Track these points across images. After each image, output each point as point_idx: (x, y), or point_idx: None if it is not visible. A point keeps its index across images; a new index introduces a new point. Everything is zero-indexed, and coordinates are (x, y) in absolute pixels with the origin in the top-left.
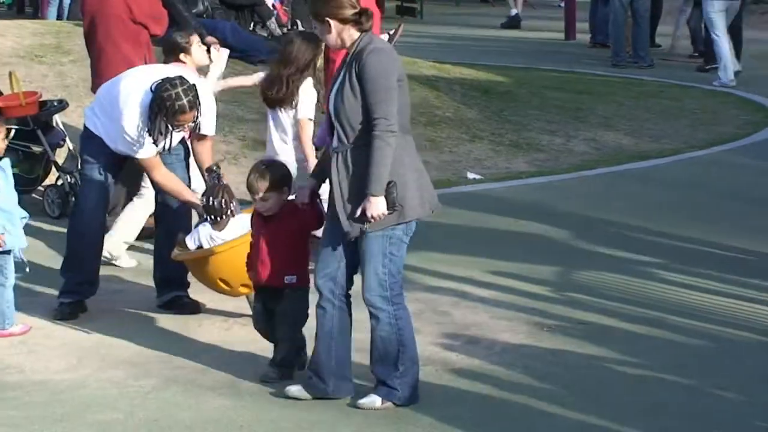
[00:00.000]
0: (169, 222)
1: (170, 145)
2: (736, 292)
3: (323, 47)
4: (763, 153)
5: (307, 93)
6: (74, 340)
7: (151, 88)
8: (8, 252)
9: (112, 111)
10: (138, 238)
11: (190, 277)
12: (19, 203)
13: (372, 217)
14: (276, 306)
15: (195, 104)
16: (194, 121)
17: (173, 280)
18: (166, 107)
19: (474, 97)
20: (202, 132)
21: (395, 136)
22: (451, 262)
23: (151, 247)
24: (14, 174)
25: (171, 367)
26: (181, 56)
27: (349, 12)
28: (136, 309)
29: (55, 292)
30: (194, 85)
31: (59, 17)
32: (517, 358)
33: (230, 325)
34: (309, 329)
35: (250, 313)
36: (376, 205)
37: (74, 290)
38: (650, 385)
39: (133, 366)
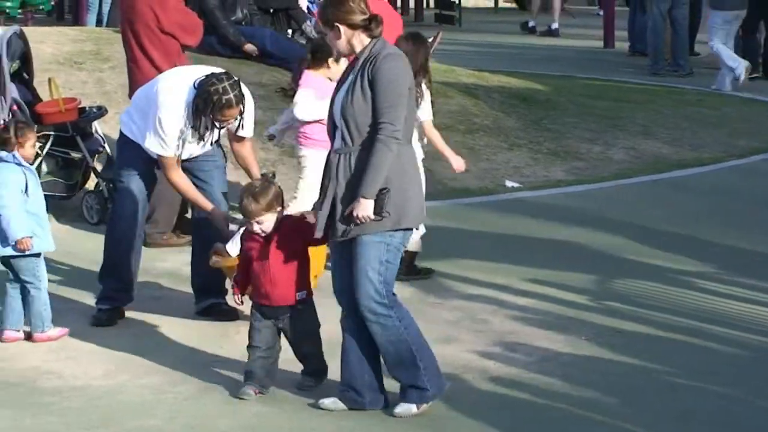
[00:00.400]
0: (206, 229)
1: (211, 142)
2: None
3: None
4: None
5: (424, 95)
6: (112, 346)
7: (194, 84)
8: (38, 255)
9: (149, 109)
10: (176, 245)
11: (228, 284)
12: (48, 210)
13: (357, 218)
14: (286, 324)
15: (241, 100)
16: (239, 117)
17: (211, 287)
18: (212, 101)
19: (513, 105)
20: (242, 134)
21: (399, 143)
22: (489, 270)
23: (188, 253)
24: (53, 180)
25: (209, 373)
26: (330, 62)
27: (359, 18)
28: (173, 315)
29: (93, 299)
30: (239, 80)
31: (98, 24)
32: (555, 366)
33: None
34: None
35: None
36: (365, 207)
37: (111, 297)
38: (683, 392)
39: (171, 372)
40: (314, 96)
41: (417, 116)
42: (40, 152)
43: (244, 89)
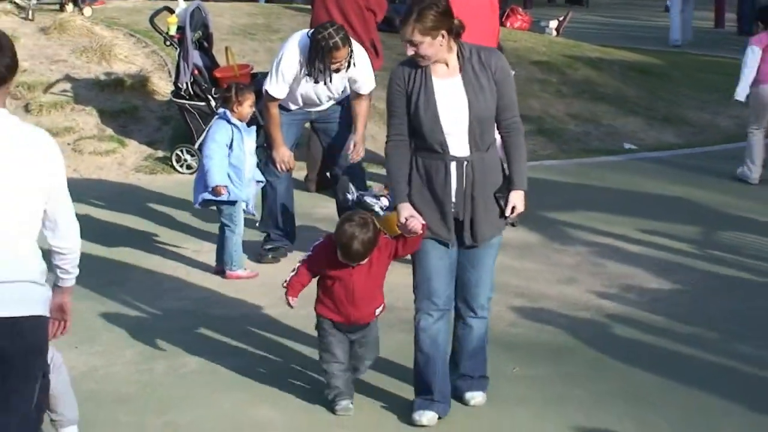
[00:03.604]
0: (344, 179)
1: (327, 80)
2: None
3: None
4: None
5: None
6: (274, 281)
7: (307, 34)
8: (235, 203)
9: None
10: (320, 190)
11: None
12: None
13: (518, 212)
14: (360, 336)
15: (347, 42)
16: (348, 59)
17: None
18: (321, 47)
19: (632, 77)
20: (359, 90)
21: None
22: (608, 220)
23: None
24: None
25: None
26: None
27: (456, 22)
28: None
29: (260, 239)
30: (342, 26)
31: (268, 0)
32: (664, 306)
33: None
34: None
35: None
36: (523, 200)
37: (275, 239)
38: None
39: None
40: None
41: None
42: (216, 111)
43: (357, 47)
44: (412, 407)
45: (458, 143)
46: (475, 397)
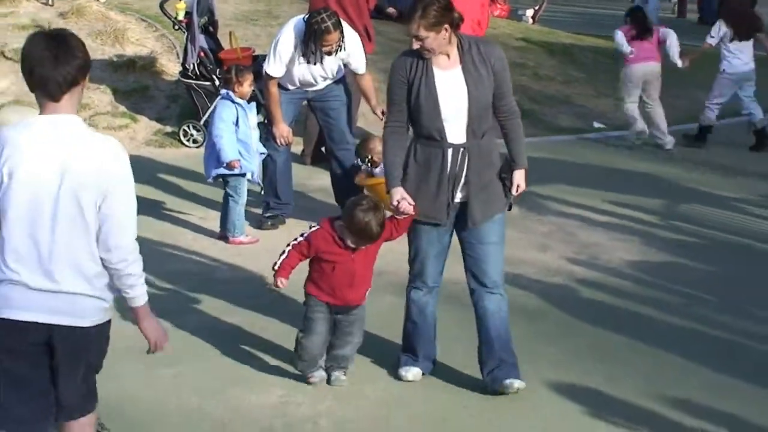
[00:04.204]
0: (339, 152)
1: (319, 62)
2: None
3: None
4: None
5: None
6: (274, 246)
7: (303, 19)
8: (243, 175)
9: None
10: (314, 163)
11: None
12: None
13: (521, 189)
14: (346, 317)
15: (338, 26)
16: (339, 43)
17: None
18: (314, 30)
19: (602, 62)
20: (357, 71)
21: None
22: (578, 193)
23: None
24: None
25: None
26: None
27: (458, 15)
28: None
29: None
30: (335, 13)
31: None
32: (630, 271)
33: None
34: None
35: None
36: (525, 177)
37: (274, 208)
38: (730, 291)
39: None
40: None
41: None
42: (220, 91)
43: (350, 31)
44: (398, 363)
45: (456, 131)
46: (515, 383)
